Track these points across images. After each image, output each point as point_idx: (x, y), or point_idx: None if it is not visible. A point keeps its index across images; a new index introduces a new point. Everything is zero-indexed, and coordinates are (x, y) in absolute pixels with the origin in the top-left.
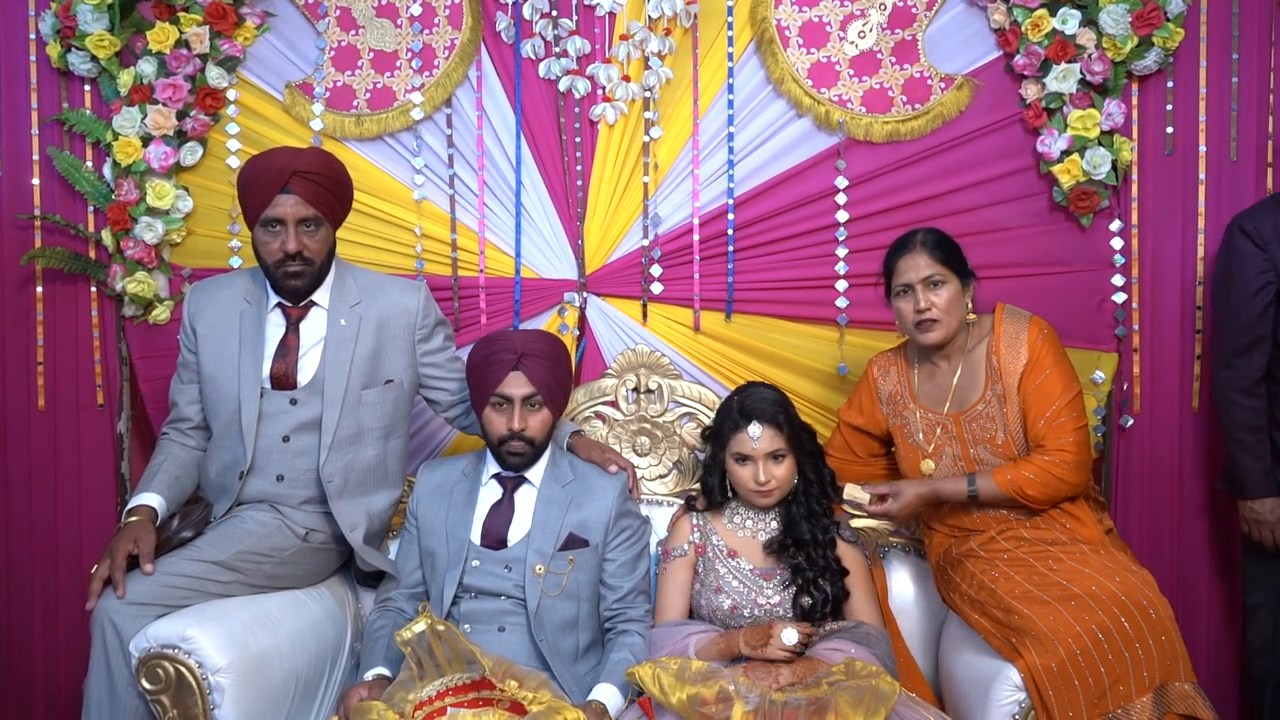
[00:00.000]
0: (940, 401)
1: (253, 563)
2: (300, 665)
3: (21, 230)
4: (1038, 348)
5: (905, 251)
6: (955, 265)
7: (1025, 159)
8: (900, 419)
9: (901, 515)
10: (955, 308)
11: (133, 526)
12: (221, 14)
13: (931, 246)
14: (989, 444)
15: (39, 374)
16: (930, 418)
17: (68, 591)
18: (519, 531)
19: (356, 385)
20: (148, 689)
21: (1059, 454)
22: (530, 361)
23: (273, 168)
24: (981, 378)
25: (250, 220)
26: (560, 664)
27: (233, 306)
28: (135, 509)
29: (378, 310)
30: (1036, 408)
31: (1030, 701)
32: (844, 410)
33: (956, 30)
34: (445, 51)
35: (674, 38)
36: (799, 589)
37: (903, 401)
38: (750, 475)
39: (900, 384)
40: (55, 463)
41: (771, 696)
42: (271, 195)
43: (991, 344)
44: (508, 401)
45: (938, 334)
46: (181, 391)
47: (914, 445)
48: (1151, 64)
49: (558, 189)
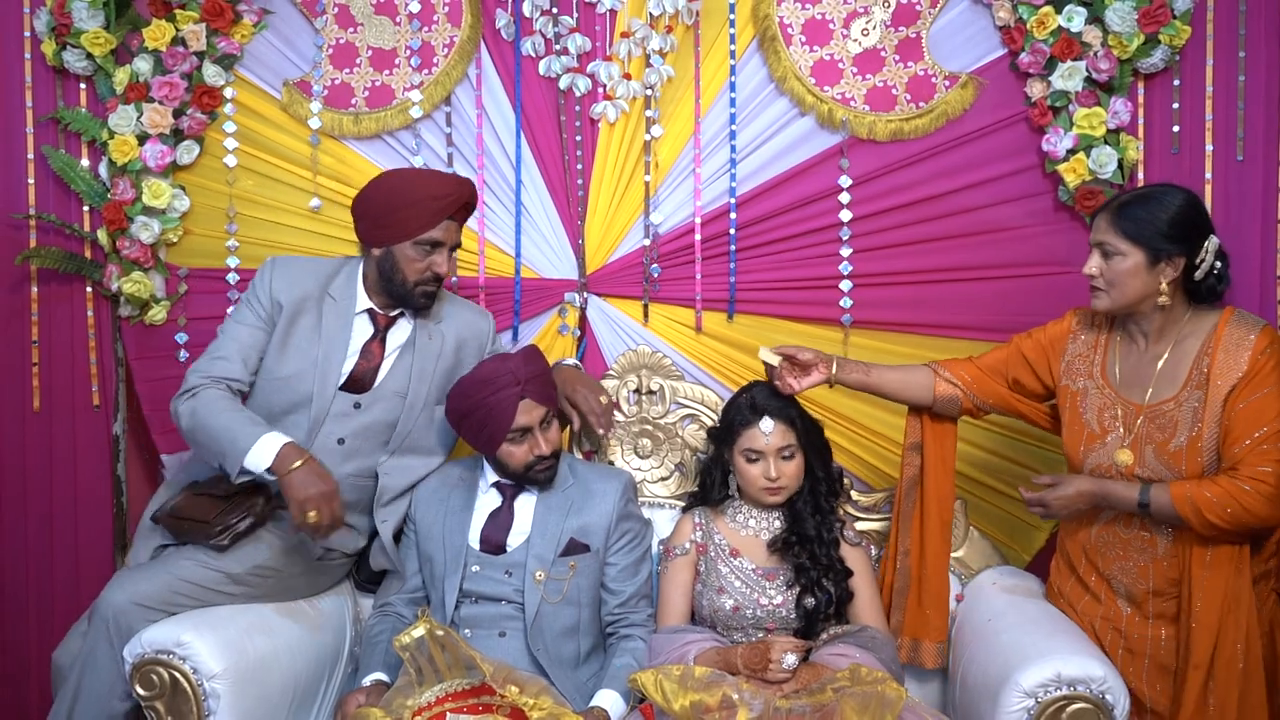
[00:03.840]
0: (1132, 386)
1: (263, 576)
2: (298, 671)
3: (16, 230)
4: (1262, 361)
5: (1100, 210)
6: (1144, 239)
7: (1030, 158)
8: (1078, 385)
9: (1059, 509)
10: (1129, 280)
11: (310, 469)
12: (218, 11)
13: (1115, 210)
14: (1159, 447)
15: (34, 375)
16: (1110, 398)
17: (63, 594)
18: (519, 536)
19: (432, 399)
20: (142, 695)
21: (1254, 482)
22: (533, 385)
23: (447, 196)
24: (1183, 375)
25: (394, 237)
26: (560, 671)
27: (317, 296)
28: (283, 449)
29: (456, 330)
30: (1242, 426)
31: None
32: (1021, 339)
33: (961, 28)
34: (444, 49)
35: (675, 35)
36: (802, 589)
37: (1086, 370)
38: (761, 472)
39: (1093, 349)
40: (51, 465)
41: (776, 703)
42: (440, 220)
43: (1209, 343)
44: (526, 432)
45: (1100, 302)
46: (236, 350)
47: (1084, 422)
48: (1158, 62)
49: (558, 188)
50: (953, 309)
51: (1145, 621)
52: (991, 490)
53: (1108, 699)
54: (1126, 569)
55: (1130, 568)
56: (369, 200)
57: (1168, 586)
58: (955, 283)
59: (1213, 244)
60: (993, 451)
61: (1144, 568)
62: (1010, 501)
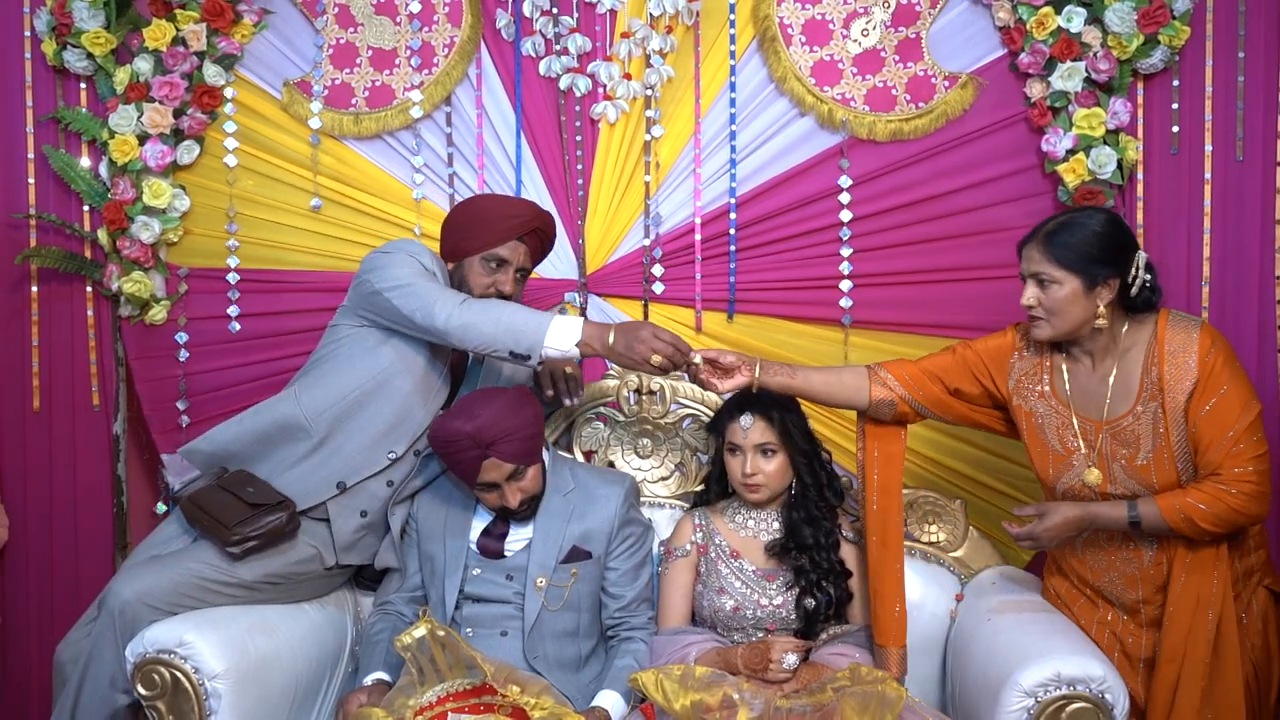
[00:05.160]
0: (1087, 404)
1: (272, 584)
2: (299, 670)
3: (16, 230)
4: (1210, 361)
5: (1027, 240)
6: (1078, 265)
7: (1030, 158)
8: (1029, 405)
9: (1049, 540)
10: (1068, 307)
11: (618, 334)
12: (219, 11)
13: (1043, 240)
14: (1126, 463)
15: (34, 375)
16: (1066, 418)
17: (63, 593)
18: (520, 540)
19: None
20: (144, 694)
21: (1238, 483)
22: (502, 445)
23: (519, 217)
24: (1135, 388)
25: (466, 250)
26: (562, 673)
27: None
28: (585, 332)
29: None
30: (1211, 431)
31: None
32: (963, 348)
33: (961, 28)
34: (445, 49)
35: (675, 35)
36: (802, 590)
37: (1037, 390)
38: (738, 466)
39: (1038, 368)
40: (51, 465)
41: (776, 703)
42: (508, 239)
43: (1153, 353)
44: (493, 486)
45: (1042, 331)
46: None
47: (1047, 444)
48: (1157, 62)
49: (558, 188)
50: (952, 309)
51: (1140, 628)
52: (991, 490)
53: (1107, 698)
54: (1115, 580)
55: (1118, 579)
56: (453, 217)
57: (1155, 594)
58: (955, 283)
59: (1141, 259)
60: (992, 451)
61: (1131, 578)
62: (1010, 501)
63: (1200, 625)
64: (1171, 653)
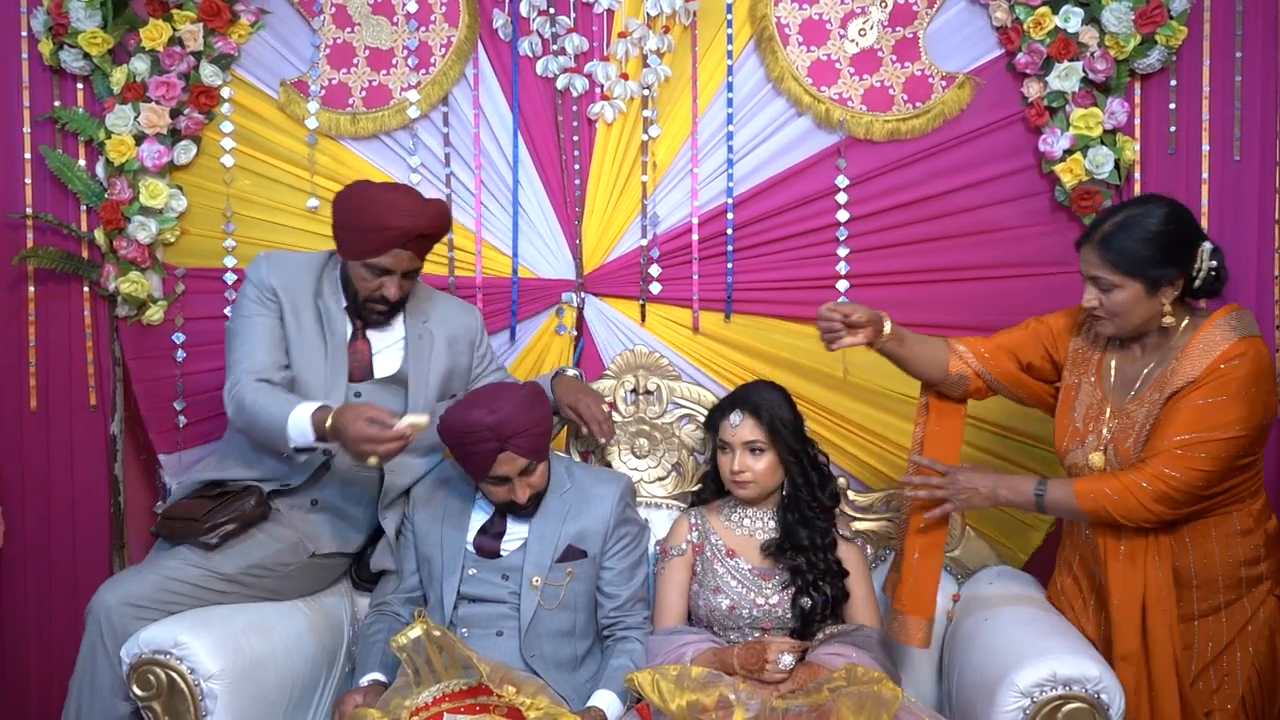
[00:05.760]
0: (1120, 390)
1: (256, 576)
2: (295, 671)
3: (13, 230)
4: (1227, 369)
5: (1084, 240)
6: (1137, 270)
7: (1027, 158)
8: (1075, 379)
9: (958, 502)
10: (1131, 309)
11: (348, 408)
12: (215, 11)
13: (1099, 243)
14: (1118, 448)
15: (31, 375)
16: (1099, 401)
17: (60, 593)
18: (515, 540)
19: (433, 397)
20: (139, 695)
21: (1156, 480)
22: (519, 440)
23: (399, 228)
24: (1156, 375)
25: (347, 253)
26: (558, 673)
27: (312, 291)
28: (315, 418)
29: (447, 328)
30: (1175, 424)
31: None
32: (1036, 323)
33: (958, 28)
34: (442, 49)
35: (673, 35)
36: (798, 590)
37: (1085, 366)
38: (727, 463)
39: (1093, 350)
40: (48, 465)
41: (772, 703)
42: (389, 249)
43: (1184, 348)
44: (504, 480)
45: (1106, 329)
46: (259, 343)
47: (1072, 419)
48: (1154, 62)
49: (555, 188)
50: (949, 309)
51: None
52: None
53: (1103, 698)
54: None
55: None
56: (336, 215)
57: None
58: (952, 283)
59: (1206, 250)
60: (991, 451)
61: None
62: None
63: (1159, 621)
64: (1127, 650)
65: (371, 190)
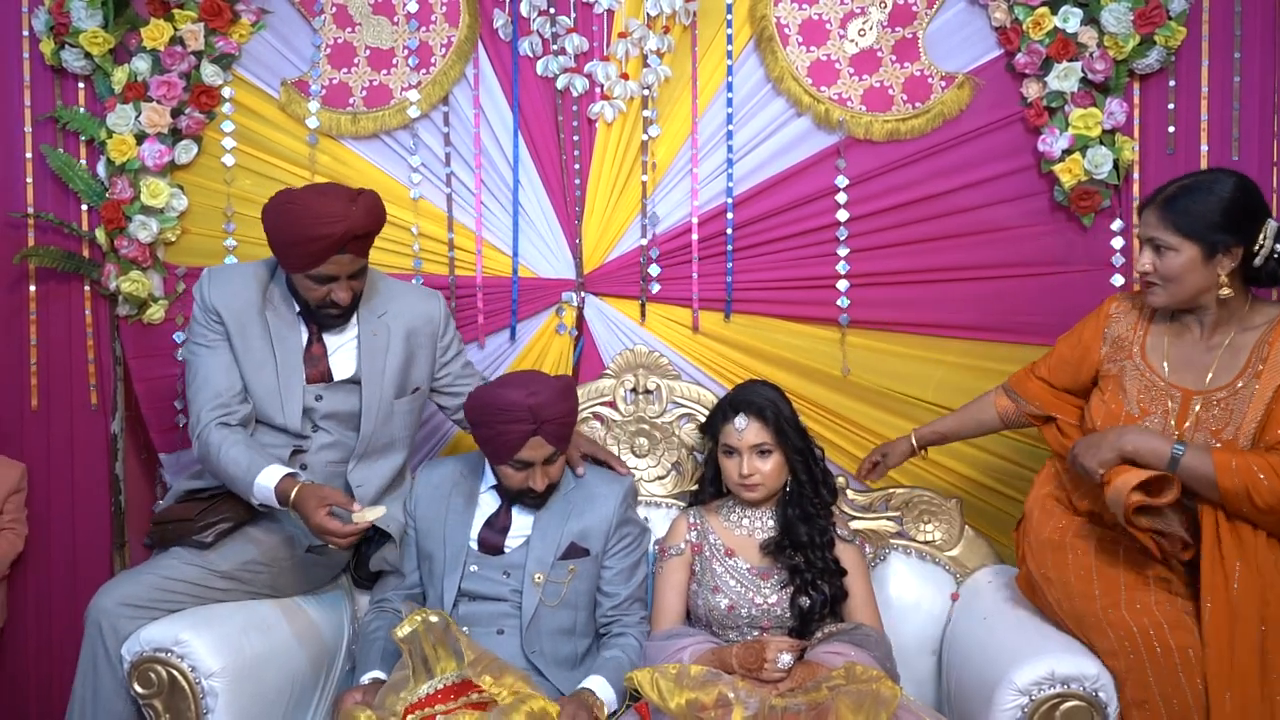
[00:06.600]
0: (1185, 372)
1: (253, 572)
2: (296, 669)
3: (14, 229)
4: None
5: (1147, 204)
6: (1196, 232)
7: (1026, 158)
8: (1117, 366)
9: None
10: (1186, 275)
11: (311, 490)
12: (216, 11)
13: (1162, 204)
14: (1213, 435)
15: (32, 374)
16: (1153, 381)
17: (61, 593)
18: (518, 537)
19: (390, 395)
20: (140, 693)
21: None
22: (551, 426)
23: (330, 236)
24: (1242, 362)
25: (289, 268)
26: (559, 671)
27: (259, 304)
28: (279, 488)
29: (404, 320)
30: None
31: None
32: (1060, 339)
33: (957, 28)
34: (442, 49)
35: (673, 35)
36: (797, 589)
37: (1126, 351)
38: (735, 468)
39: (1133, 332)
40: (49, 464)
41: (771, 702)
42: (327, 257)
43: (1269, 333)
44: (528, 465)
45: (1156, 298)
46: (214, 377)
47: (1119, 401)
48: (1153, 62)
49: (555, 188)
50: (949, 308)
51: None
52: (987, 489)
53: (1101, 696)
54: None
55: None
56: (268, 231)
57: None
58: (951, 282)
59: (1271, 228)
60: (991, 451)
61: None
62: (1007, 501)
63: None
64: (1211, 584)
65: (297, 202)
